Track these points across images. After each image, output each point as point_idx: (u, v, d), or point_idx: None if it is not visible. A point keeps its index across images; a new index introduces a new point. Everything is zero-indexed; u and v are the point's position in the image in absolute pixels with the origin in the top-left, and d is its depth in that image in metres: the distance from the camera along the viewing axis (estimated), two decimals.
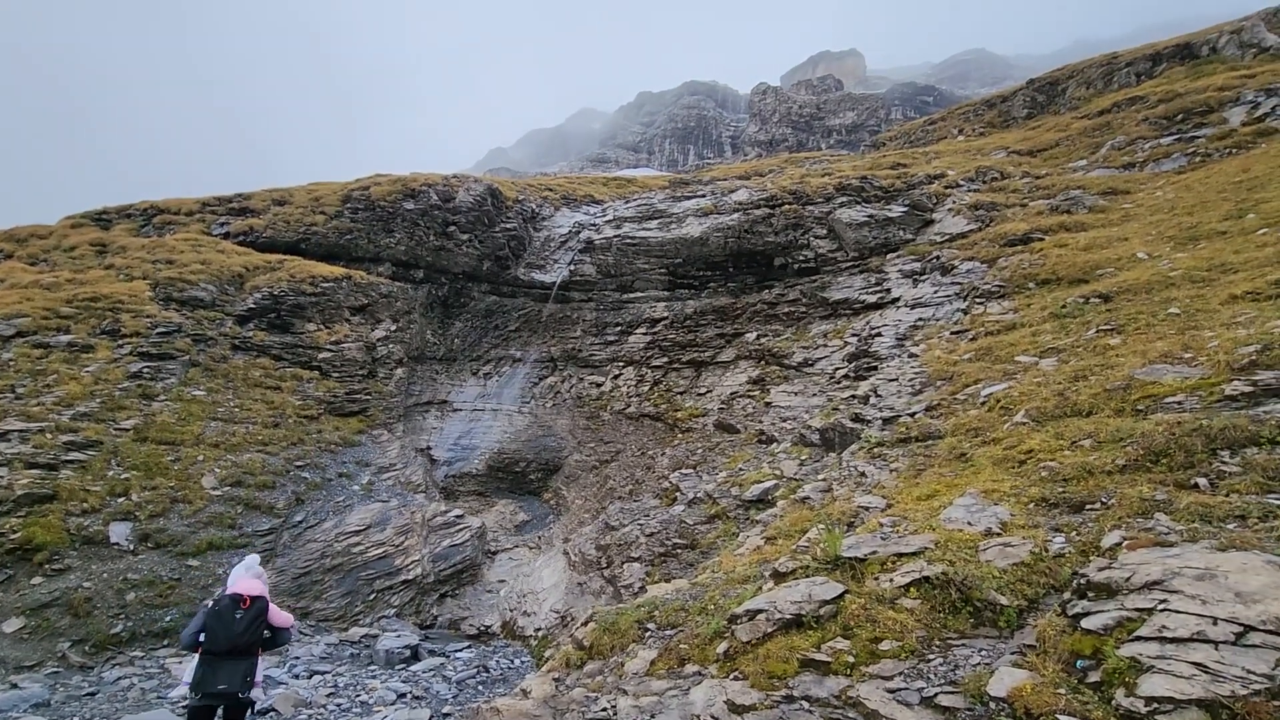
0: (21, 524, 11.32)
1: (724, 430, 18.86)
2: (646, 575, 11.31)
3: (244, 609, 5.21)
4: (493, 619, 13.64)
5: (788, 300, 23.55)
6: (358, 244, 25.45)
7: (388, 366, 22.53)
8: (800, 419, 15.82)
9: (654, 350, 25.46)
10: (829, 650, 3.98)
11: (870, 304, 20.42)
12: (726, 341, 24.09)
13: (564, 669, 5.13)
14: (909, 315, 17.32)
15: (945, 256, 19.00)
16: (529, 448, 23.13)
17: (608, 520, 14.24)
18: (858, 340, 18.54)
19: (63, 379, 15.32)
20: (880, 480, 7.46)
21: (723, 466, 15.06)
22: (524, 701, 4.64)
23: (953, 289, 17.06)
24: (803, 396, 17.48)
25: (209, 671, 5.05)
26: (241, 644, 5.14)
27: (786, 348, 21.16)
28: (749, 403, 19.79)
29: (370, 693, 8.96)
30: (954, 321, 15.17)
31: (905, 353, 14.19)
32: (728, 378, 22.37)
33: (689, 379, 23.85)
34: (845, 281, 22.30)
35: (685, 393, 23.09)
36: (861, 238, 22.63)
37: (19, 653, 9.83)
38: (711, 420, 20.02)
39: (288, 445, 16.87)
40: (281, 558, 13.72)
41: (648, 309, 26.81)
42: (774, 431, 15.87)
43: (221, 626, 5.11)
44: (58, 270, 21.47)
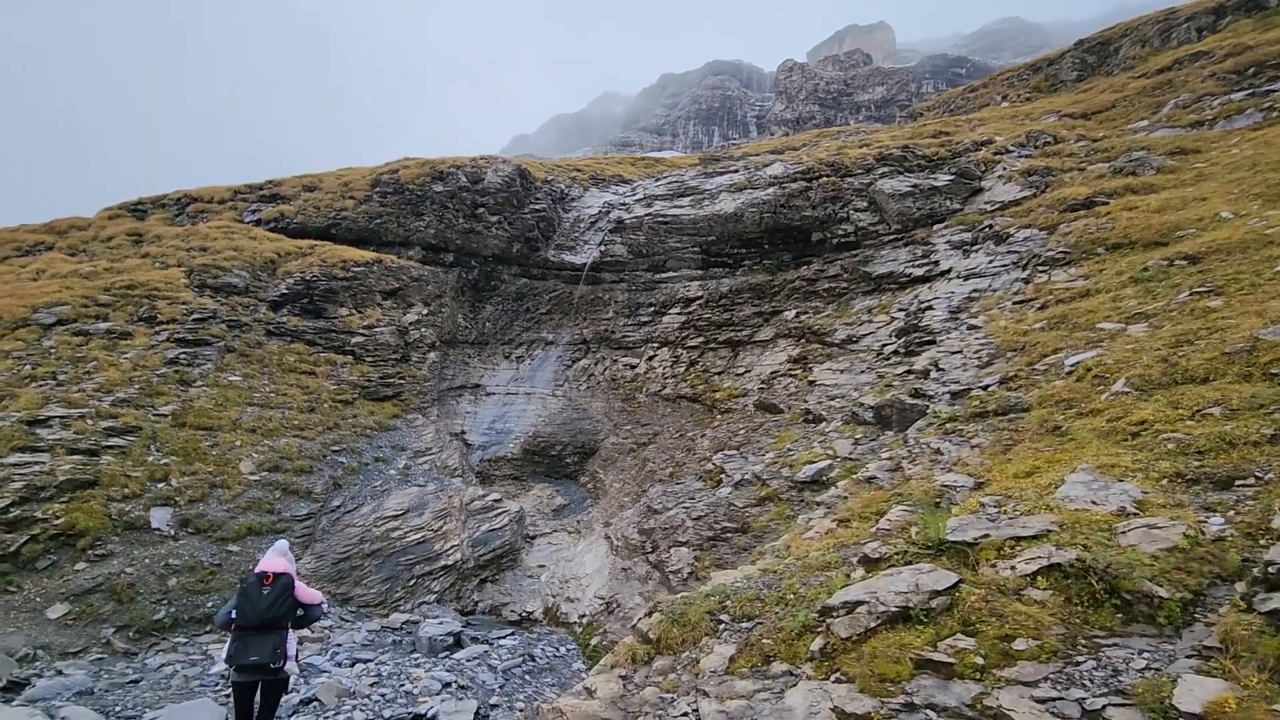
0: (64, 510, 11.26)
1: (766, 410, 18.21)
2: (695, 560, 10.82)
3: (268, 585, 5.51)
4: (534, 605, 13.32)
5: (827, 276, 22.68)
6: (387, 228, 25.21)
7: (420, 350, 22.31)
8: (849, 397, 15.11)
9: (689, 330, 24.83)
10: (949, 649, 3.41)
11: (917, 277, 19.49)
12: (764, 320, 23.33)
13: (630, 665, 4.65)
14: (962, 287, 16.43)
15: (999, 225, 18.00)
16: (564, 431, 22.77)
17: (650, 504, 13.77)
18: (905, 315, 17.70)
19: (102, 365, 15.31)
20: (961, 457, 6.82)
21: (769, 447, 14.46)
22: (590, 702, 4.16)
23: (1009, 258, 16.11)
24: (849, 374, 16.73)
25: (241, 645, 5.38)
26: (269, 618, 5.43)
27: (828, 325, 20.35)
28: (791, 382, 19.08)
29: (415, 682, 8.65)
30: (1014, 292, 14.27)
31: (963, 325, 13.38)
32: (767, 357, 21.67)
33: (726, 359, 23.19)
34: (889, 255, 21.36)
35: (723, 373, 22.45)
36: (905, 209, 21.64)
37: (64, 639, 9.74)
38: (752, 400, 19.38)
39: (324, 430, 16.72)
40: (320, 543, 13.55)
41: (681, 288, 26.16)
42: (821, 410, 15.20)
43: (249, 603, 5.43)
44: (96, 260, 21.62)
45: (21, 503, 11.03)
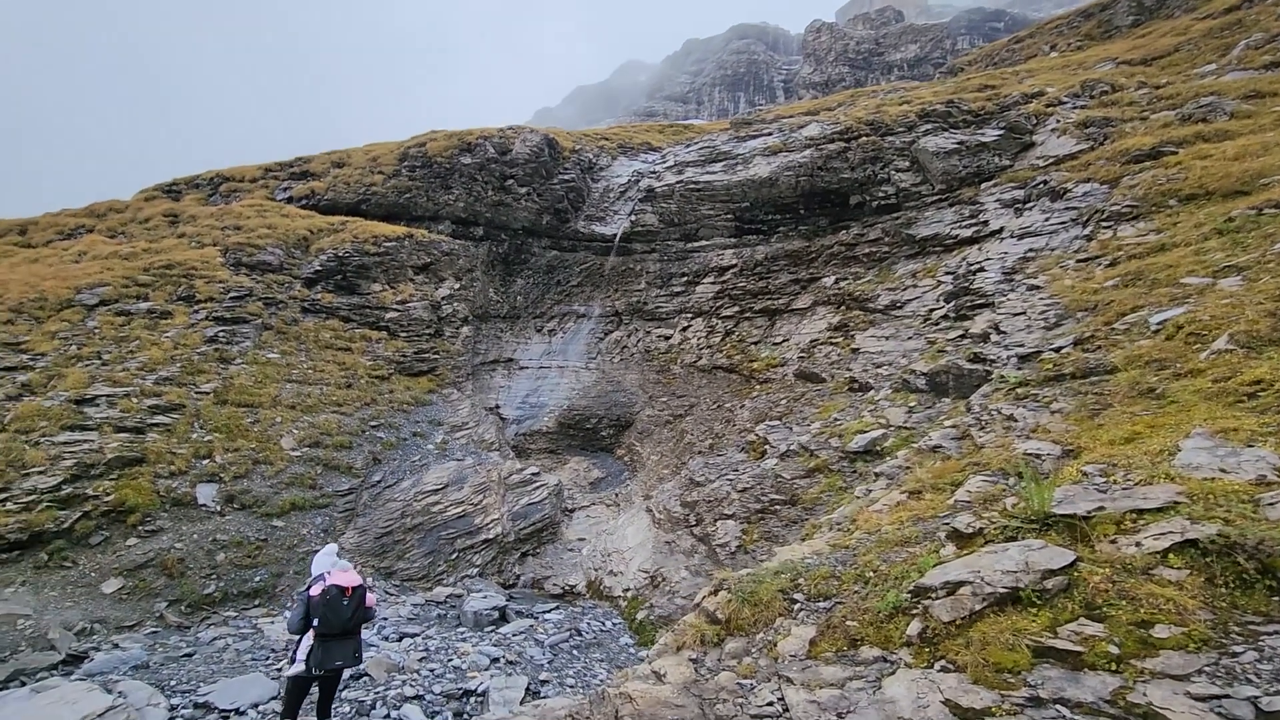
0: (114, 486, 11.38)
1: (807, 380, 17.70)
2: (743, 533, 10.51)
3: (348, 597, 5.96)
4: (577, 578, 13.20)
5: (868, 240, 21.87)
6: (416, 202, 25.01)
7: (453, 325, 22.19)
8: (897, 364, 14.52)
9: (723, 300, 24.29)
10: (1074, 635, 3.01)
11: (964, 239, 18.62)
12: (802, 287, 22.66)
13: (699, 647, 4.35)
14: (1016, 247, 15.58)
15: (1054, 180, 16.99)
16: (599, 404, 22.56)
17: (692, 476, 13.47)
18: (953, 278, 16.94)
19: (144, 345, 15.44)
20: (1040, 423, 6.32)
21: (813, 417, 14.00)
22: (660, 687, 3.87)
23: (1068, 215, 15.19)
24: (895, 340, 16.09)
25: (326, 651, 5.87)
26: (351, 626, 6.00)
27: (870, 290, 19.64)
28: (832, 350, 18.50)
29: (463, 657, 8.55)
30: (1075, 250, 13.44)
31: (1021, 286, 12.64)
32: (805, 325, 21.06)
33: (762, 328, 22.63)
34: (933, 216, 20.46)
35: (760, 342, 21.92)
36: (950, 167, 20.65)
37: (119, 613, 9.87)
38: (791, 370, 18.86)
39: (361, 405, 16.73)
40: (362, 517, 13.57)
41: (715, 257, 25.54)
42: (867, 378, 14.65)
43: (333, 613, 5.86)
44: (134, 241, 21.84)
45: (73, 480, 11.17)
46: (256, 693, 7.37)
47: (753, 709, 3.40)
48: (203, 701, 7.15)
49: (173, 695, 7.28)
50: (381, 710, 7.05)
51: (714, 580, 5.04)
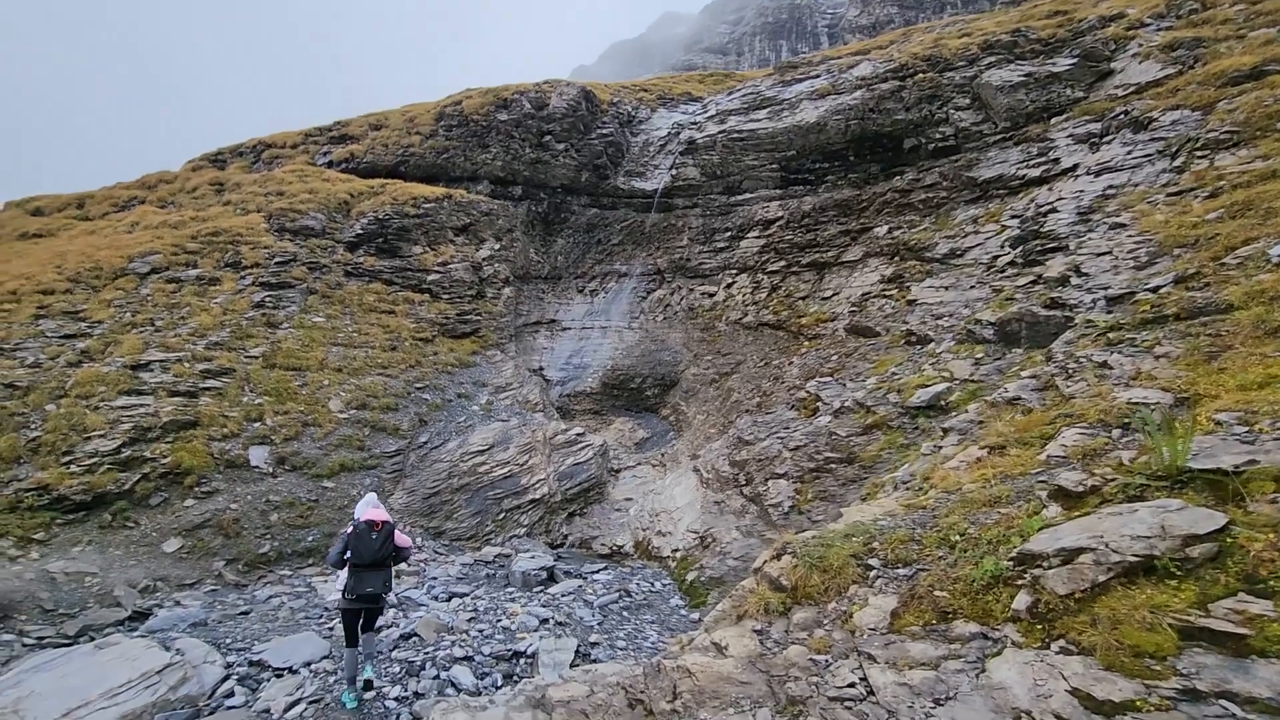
0: (170, 449, 11.60)
1: (859, 334, 16.89)
2: (797, 493, 10.04)
3: (377, 531, 6.47)
4: (624, 539, 13.02)
5: (924, 186, 20.58)
6: (454, 162, 24.67)
7: (495, 286, 21.98)
8: (959, 315, 13.63)
9: (769, 254, 23.38)
10: (1233, 615, 2.47)
11: (1032, 179, 17.28)
12: (852, 239, 21.57)
13: (763, 616, 3.95)
14: (1092, 185, 14.30)
15: (1137, 110, 15.46)
16: (642, 363, 22.17)
17: (740, 435, 13.01)
18: (1020, 222, 15.78)
19: (195, 311, 15.66)
20: (1142, 369, 5.60)
21: (868, 373, 13.30)
22: (721, 661, 3.49)
23: (1153, 146, 13.80)
24: (956, 290, 15.11)
25: (359, 580, 6.35)
26: (379, 558, 6.43)
27: (926, 239, 18.52)
28: (885, 303, 17.57)
29: (512, 618, 8.43)
30: (1163, 183, 12.19)
31: (1102, 225, 11.55)
32: (856, 278, 20.08)
33: (810, 283, 21.71)
34: (997, 156, 19.06)
35: (808, 297, 21.05)
36: (1016, 103, 19.12)
37: (180, 571, 10.10)
38: (842, 325, 18.04)
39: (406, 368, 16.73)
40: (410, 478, 13.61)
41: (759, 210, 24.56)
42: (926, 331, 13.80)
43: (363, 546, 6.38)
44: (183, 210, 22.16)
45: (131, 443, 11.41)
46: (309, 651, 7.38)
47: (830, 690, 2.98)
48: (257, 659, 7.18)
49: (228, 653, 7.34)
50: (431, 671, 6.95)
51: (776, 543, 4.61)
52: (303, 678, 6.86)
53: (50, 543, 9.71)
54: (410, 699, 6.51)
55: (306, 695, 6.47)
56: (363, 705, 6.37)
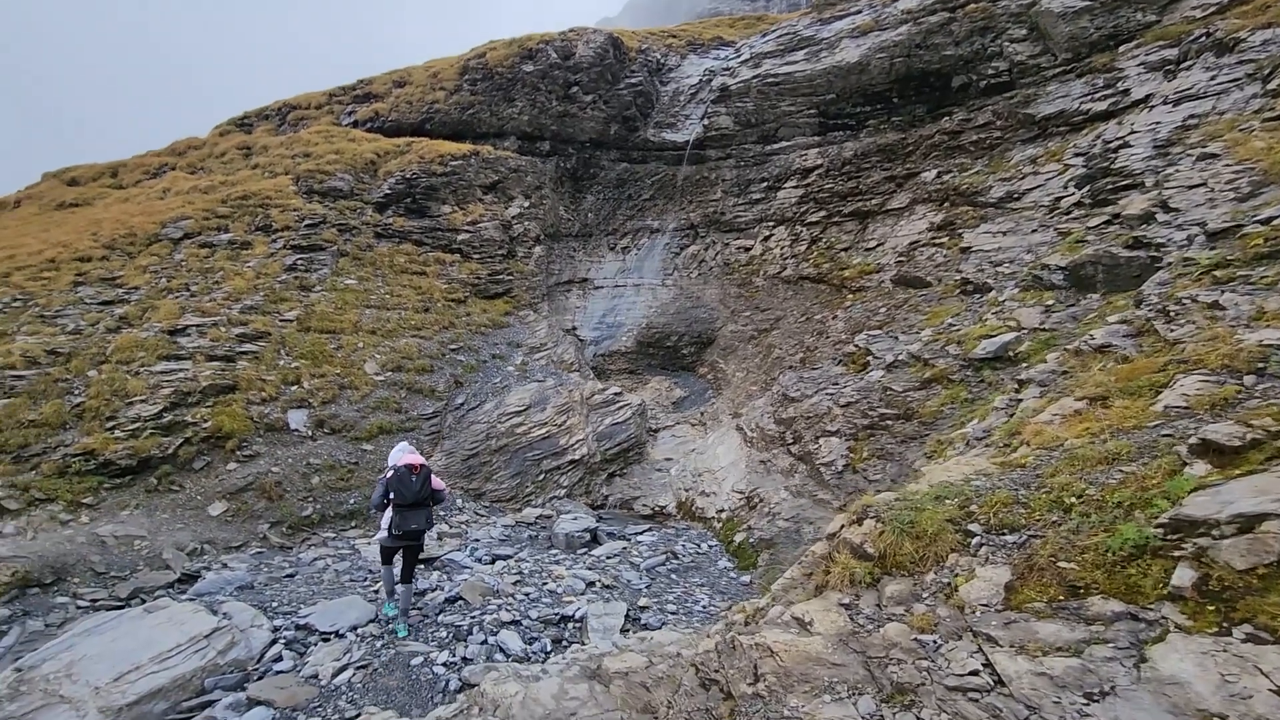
0: (210, 413, 11.57)
1: (907, 285, 16.08)
2: (850, 451, 9.55)
3: (416, 474, 7.06)
4: (666, 499, 12.75)
5: (975, 126, 19.33)
6: (480, 118, 24.00)
7: (525, 245, 21.52)
8: (1020, 260, 12.77)
9: (808, 204, 22.40)
10: None
11: (1097, 113, 16.02)
12: (897, 185, 20.49)
13: (848, 588, 3.54)
14: (1170, 115, 13.11)
15: (1219, 31, 14.07)
16: (678, 321, 21.65)
17: (785, 391, 12.50)
18: (1085, 160, 14.67)
19: (228, 275, 15.57)
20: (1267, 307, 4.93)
21: (921, 324, 12.61)
22: (808, 639, 3.10)
23: (1241, 70, 12.54)
24: (1016, 235, 14.17)
25: (404, 518, 6.95)
26: (420, 498, 7.03)
27: (979, 183, 17.42)
28: (936, 251, 16.67)
29: (557, 581, 8.22)
30: (1255, 109, 11.06)
31: (1186, 157, 10.53)
32: (903, 226, 19.10)
33: (853, 233, 20.78)
34: (1057, 91, 17.73)
35: (850, 249, 20.16)
36: (1078, 31, 17.68)
37: (226, 534, 10.13)
38: (889, 276, 17.21)
39: (440, 329, 16.50)
40: (448, 440, 13.48)
41: (797, 158, 23.46)
42: (984, 279, 12.98)
43: (405, 488, 6.97)
44: (212, 175, 22.04)
45: (172, 408, 11.40)
46: (355, 615, 7.26)
47: (947, 677, 2.56)
48: (304, 623, 7.09)
49: (275, 616, 7.26)
50: (478, 636, 6.77)
51: (853, 506, 4.16)
52: (349, 642, 6.74)
53: (99, 506, 9.77)
54: (458, 664, 6.34)
55: (354, 660, 6.34)
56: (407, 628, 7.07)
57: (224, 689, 6.08)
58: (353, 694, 5.82)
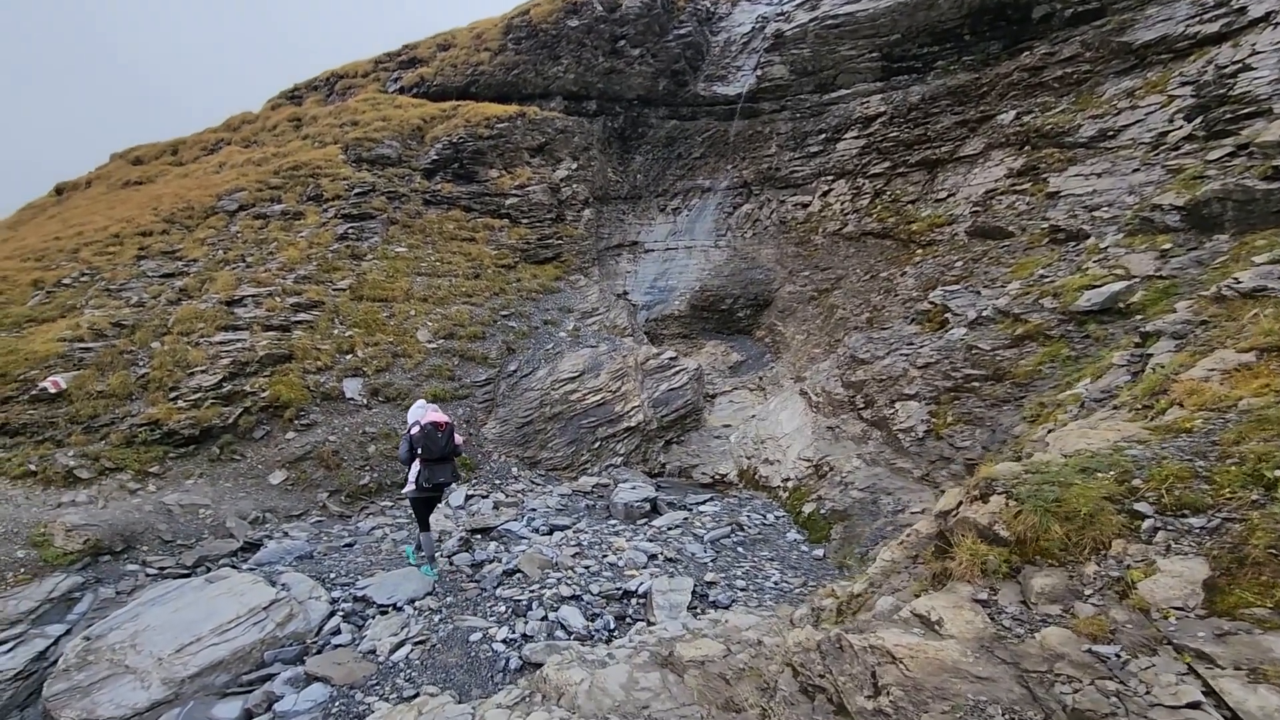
0: (268, 383, 11.58)
1: (985, 236, 14.85)
2: (932, 416, 8.77)
3: (441, 431, 7.38)
4: (727, 467, 12.22)
5: (1060, 60, 17.60)
6: (525, 78, 23.33)
7: (574, 208, 20.95)
8: (1121, 203, 11.49)
9: (871, 155, 21.06)
10: None
11: (1208, 37, 14.25)
12: (970, 130, 18.97)
13: (979, 579, 2.94)
14: None
15: None
16: (733, 283, 20.83)
17: (853, 353, 11.69)
18: (1195, 88, 13.07)
19: (282, 246, 15.58)
20: None
21: (1005, 277, 11.54)
22: (939, 644, 2.53)
23: None
24: (1113, 176, 12.78)
25: (431, 471, 7.31)
26: (446, 453, 7.39)
27: (1066, 122, 15.86)
28: (1017, 199, 15.31)
29: (618, 553, 7.83)
30: None
31: None
32: (977, 174, 17.68)
33: (920, 184, 19.42)
34: (1158, 15, 15.88)
35: (918, 201, 18.86)
36: None
37: (287, 502, 10.14)
38: (963, 227, 15.97)
39: (490, 295, 16.21)
40: (502, 408, 13.23)
41: (858, 107, 22.03)
42: (1078, 225, 11.76)
43: (432, 444, 7.27)
44: (265, 148, 22.16)
45: (231, 377, 11.44)
46: (412, 588, 7.05)
47: (1153, 709, 1.94)
48: (361, 595, 6.91)
49: (333, 588, 7.12)
50: (538, 611, 6.44)
51: (972, 480, 3.51)
52: (407, 616, 6.51)
53: (165, 476, 9.88)
54: (518, 641, 6.02)
55: (412, 635, 6.10)
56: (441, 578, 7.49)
57: (283, 662, 5.93)
58: (411, 671, 5.57)
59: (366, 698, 5.19)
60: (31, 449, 9.53)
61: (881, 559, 3.93)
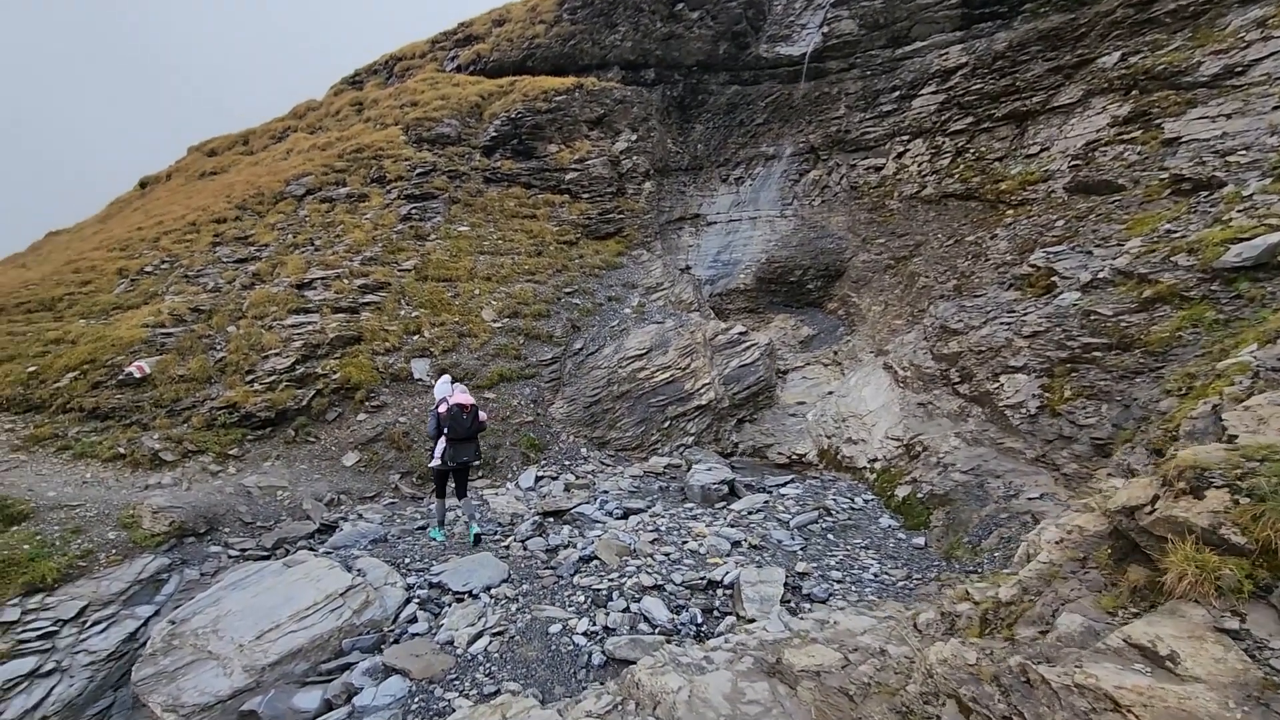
0: (339, 365, 11.60)
1: (1088, 192, 13.49)
2: (1045, 390, 7.88)
3: (467, 413, 7.79)
4: (805, 446, 11.57)
5: None
6: (582, 49, 22.72)
7: (635, 181, 20.36)
8: (1261, 145, 10.09)
9: (950, 111, 19.55)
10: None
11: None
12: (1065, 77, 17.28)
13: (1216, 600, 2.29)
14: None
15: None
16: (801, 253, 19.86)
17: (943, 323, 10.77)
18: None
19: (348, 228, 15.65)
20: None
21: (1120, 235, 10.34)
22: (1182, 688, 1.95)
23: None
24: (1247, 117, 11.27)
25: (456, 449, 7.77)
26: (470, 433, 7.82)
27: (1182, 60, 14.17)
28: (1125, 149, 13.82)
29: (698, 539, 7.37)
30: None
31: None
32: (1075, 124, 16.10)
33: (1008, 139, 17.91)
34: None
35: (1005, 157, 17.40)
36: None
37: (360, 484, 10.13)
38: (1061, 183, 14.59)
39: (553, 273, 15.89)
40: (569, 387, 12.93)
41: (935, 59, 20.49)
42: (1207, 173, 10.40)
43: (458, 424, 7.71)
44: (329, 133, 22.41)
45: (304, 360, 11.51)
46: (488, 575, 6.79)
47: None
48: (436, 581, 6.70)
49: (408, 574, 6.94)
50: (619, 602, 6.05)
51: (1168, 467, 2.83)
52: (483, 604, 6.25)
53: (244, 458, 10.01)
54: (600, 634, 5.66)
55: (489, 626, 5.82)
56: (476, 547, 7.81)
57: (361, 650, 5.77)
58: (490, 665, 5.28)
59: (446, 694, 4.92)
60: (120, 432, 9.79)
61: (1038, 561, 3.30)
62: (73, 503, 8.11)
